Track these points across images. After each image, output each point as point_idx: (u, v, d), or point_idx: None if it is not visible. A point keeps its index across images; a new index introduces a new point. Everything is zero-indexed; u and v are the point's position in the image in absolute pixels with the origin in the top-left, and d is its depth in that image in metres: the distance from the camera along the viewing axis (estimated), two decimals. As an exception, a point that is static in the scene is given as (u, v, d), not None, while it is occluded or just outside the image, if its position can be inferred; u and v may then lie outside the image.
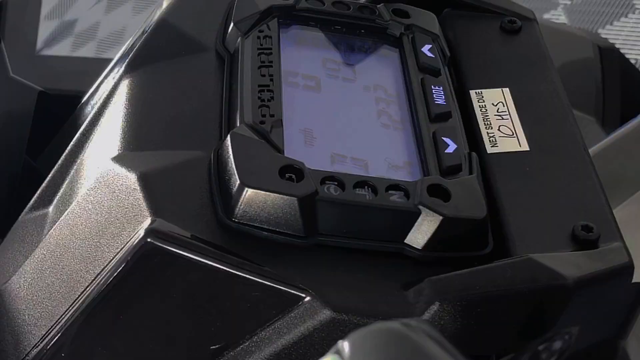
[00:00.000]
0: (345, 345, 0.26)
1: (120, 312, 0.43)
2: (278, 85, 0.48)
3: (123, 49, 0.57)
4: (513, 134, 0.49)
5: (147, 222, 0.41)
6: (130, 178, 0.43)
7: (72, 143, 0.53)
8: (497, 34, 0.56)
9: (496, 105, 0.51)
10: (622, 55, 1.12)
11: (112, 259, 0.42)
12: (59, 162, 0.53)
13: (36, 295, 0.46)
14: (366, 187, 0.43)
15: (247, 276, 0.40)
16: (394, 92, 0.51)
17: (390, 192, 0.43)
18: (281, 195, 0.41)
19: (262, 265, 0.40)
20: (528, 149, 0.49)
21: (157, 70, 0.51)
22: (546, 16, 1.98)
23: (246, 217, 0.42)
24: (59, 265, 0.45)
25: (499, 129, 0.50)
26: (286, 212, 0.41)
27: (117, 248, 0.42)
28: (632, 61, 1.78)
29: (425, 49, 0.52)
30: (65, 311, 0.44)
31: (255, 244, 0.42)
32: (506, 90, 0.52)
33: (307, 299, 0.40)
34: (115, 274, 0.42)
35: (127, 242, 0.41)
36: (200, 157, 0.45)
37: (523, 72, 0.53)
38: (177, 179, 0.44)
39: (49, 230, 0.48)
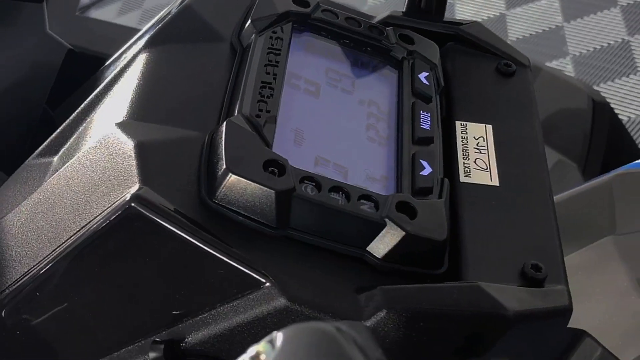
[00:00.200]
0: (279, 336, 0.26)
1: (96, 265, 0.44)
2: (279, 85, 0.48)
3: (149, 24, 0.57)
4: (487, 168, 0.49)
5: (135, 188, 0.41)
6: (128, 145, 0.44)
7: (85, 102, 0.53)
8: (492, 74, 0.56)
9: (477, 139, 0.51)
10: (612, 111, 1.12)
11: (98, 215, 0.42)
12: (71, 117, 0.53)
13: (25, 236, 0.47)
14: (341, 192, 0.43)
15: (216, 254, 0.41)
16: (385, 110, 0.51)
17: (362, 201, 0.43)
18: (261, 186, 0.41)
19: (231, 247, 0.41)
20: (498, 184, 0.49)
21: (174, 50, 0.51)
22: (554, 63, 1.98)
23: (226, 199, 0.42)
24: (50, 211, 0.46)
25: (475, 162, 0.50)
26: (263, 202, 0.42)
27: (104, 207, 0.42)
28: (625, 119, 1.78)
29: (422, 75, 0.52)
30: (48, 255, 0.45)
31: (230, 226, 0.42)
32: (489, 127, 0.52)
33: (267, 284, 0.41)
34: (97, 230, 0.42)
35: (114, 203, 0.42)
36: (196, 137, 0.45)
37: (508, 114, 0.53)
38: (170, 153, 0.44)
39: (49, 178, 0.49)
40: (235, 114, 0.45)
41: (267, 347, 0.26)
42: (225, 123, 0.44)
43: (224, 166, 0.42)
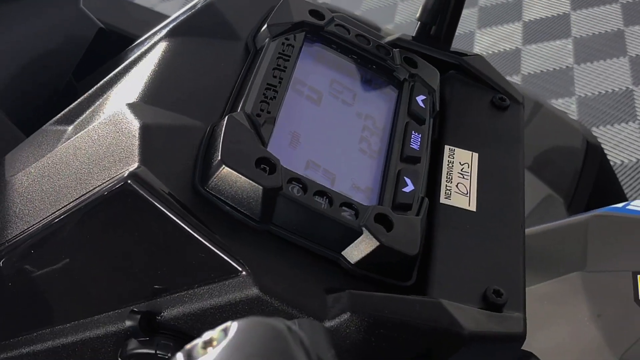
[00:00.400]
0: (232, 326, 0.26)
1: (88, 232, 0.44)
2: (284, 89, 0.47)
3: (176, 14, 0.57)
4: (467, 193, 0.49)
5: (134, 166, 0.41)
6: (133, 125, 0.43)
7: (105, 79, 0.53)
8: (486, 106, 0.55)
9: (462, 164, 0.51)
10: (603, 154, 1.11)
11: (96, 187, 0.42)
12: (91, 91, 0.53)
13: (30, 195, 0.47)
14: (325, 197, 0.43)
15: (200, 238, 0.41)
16: (381, 125, 0.51)
17: (343, 207, 0.43)
18: (250, 181, 0.41)
19: (215, 233, 0.41)
20: (474, 210, 0.48)
21: (192, 43, 0.51)
22: (560, 101, 1.97)
23: (216, 189, 0.42)
24: (56, 176, 0.46)
25: (456, 186, 0.49)
26: (250, 196, 0.41)
27: (104, 179, 0.42)
28: (618, 162, 1.77)
29: (420, 98, 0.52)
30: (47, 216, 0.45)
31: (216, 214, 0.42)
32: (475, 155, 0.52)
33: (243, 273, 0.40)
34: (93, 200, 0.42)
35: (113, 178, 0.42)
36: (198, 127, 0.45)
37: (496, 145, 0.53)
38: (172, 138, 0.44)
39: (60, 145, 0.49)
40: (238, 110, 0.45)
41: (220, 335, 0.26)
42: (226, 117, 0.44)
43: (219, 157, 0.42)
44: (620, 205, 0.69)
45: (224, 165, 0.41)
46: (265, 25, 0.51)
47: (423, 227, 0.45)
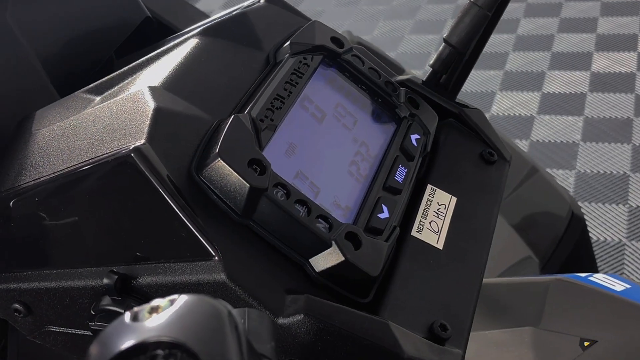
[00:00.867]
0: (180, 298, 0.27)
1: (86, 192, 0.44)
2: (290, 102, 0.48)
3: (214, 16, 0.58)
4: (437, 232, 0.49)
5: (140, 142, 0.42)
6: (149, 105, 0.44)
7: (138, 61, 0.53)
8: (475, 156, 0.56)
9: (440, 205, 0.51)
10: (585, 227, 1.11)
11: (104, 154, 0.43)
12: (123, 69, 0.53)
13: (48, 150, 0.47)
14: (304, 206, 0.43)
15: (183, 218, 0.41)
16: (373, 154, 0.51)
17: (319, 219, 0.43)
18: (239, 177, 0.42)
19: (197, 217, 0.41)
20: (441, 248, 0.48)
21: (220, 44, 0.52)
22: (560, 171, 1.96)
23: (209, 178, 0.42)
24: (73, 137, 0.46)
25: (430, 223, 0.49)
26: (236, 191, 0.42)
27: (112, 149, 0.43)
28: (602, 239, 1.76)
29: (414, 137, 0.52)
30: (57, 171, 0.45)
31: (203, 201, 0.42)
32: (454, 199, 0.52)
33: (215, 258, 0.41)
34: (97, 165, 0.43)
35: (120, 149, 0.42)
36: (206, 120, 0.46)
37: (475, 195, 0.53)
38: (180, 124, 0.44)
39: (84, 111, 0.49)
40: (245, 112, 0.45)
41: (167, 304, 0.26)
42: (232, 117, 0.44)
43: (217, 150, 0.42)
44: (583, 275, 0.69)
45: (219, 158, 0.42)
46: (288, 42, 0.52)
47: (389, 252, 0.45)
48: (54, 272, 0.47)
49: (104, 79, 0.54)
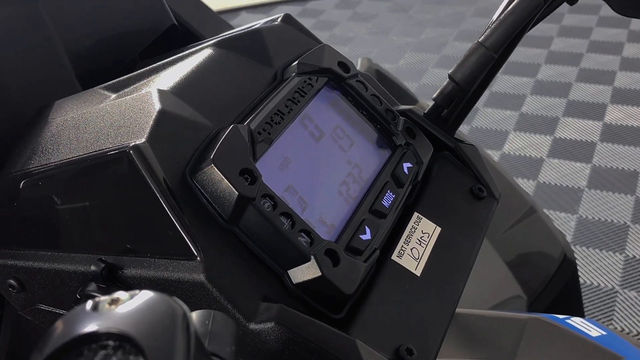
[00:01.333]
0: (141, 294, 0.26)
1: (85, 182, 0.44)
2: (290, 118, 0.48)
3: (232, 31, 0.58)
4: (417, 259, 0.49)
5: (140, 141, 0.42)
6: (155, 107, 0.44)
7: (156, 65, 0.54)
8: (464, 190, 0.55)
9: (424, 233, 0.50)
10: (576, 270, 1.09)
11: (107, 148, 0.43)
12: (141, 70, 0.54)
13: (59, 138, 0.48)
14: (289, 219, 0.43)
15: (172, 217, 0.41)
16: (365, 177, 0.51)
17: (302, 234, 0.43)
18: (229, 185, 0.41)
19: (185, 216, 0.41)
20: (418, 275, 0.48)
21: (232, 57, 0.52)
22: (562, 214, 1.94)
23: (201, 182, 0.42)
24: (83, 129, 0.47)
25: (411, 249, 0.49)
26: (225, 197, 0.42)
27: (115, 144, 0.43)
28: (595, 284, 1.74)
29: (406, 165, 0.52)
30: (63, 159, 0.45)
31: (193, 203, 0.42)
32: (439, 229, 0.51)
33: (197, 259, 0.41)
34: (98, 157, 0.43)
35: (121, 145, 0.42)
36: (207, 126, 0.46)
37: (460, 228, 0.52)
38: (182, 128, 0.44)
39: (97, 106, 0.50)
40: (244, 124, 0.45)
41: (127, 298, 0.26)
42: (232, 126, 0.44)
43: (211, 156, 0.42)
44: (561, 316, 0.67)
45: (212, 164, 0.42)
46: (296, 62, 0.52)
47: (367, 273, 0.45)
48: (48, 253, 0.47)
49: (122, 78, 0.54)
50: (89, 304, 0.26)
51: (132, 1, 0.66)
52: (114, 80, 0.54)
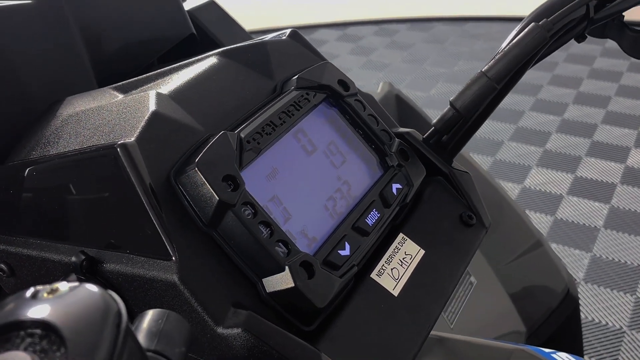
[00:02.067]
0: (81, 286, 0.25)
1: (74, 175, 0.44)
2: (281, 130, 0.47)
3: (242, 43, 0.57)
4: (397, 279, 0.47)
5: (129, 140, 0.41)
6: (149, 108, 0.44)
7: (164, 69, 0.53)
8: (454, 216, 0.53)
9: (407, 254, 0.49)
10: (577, 306, 1.05)
11: (98, 145, 0.43)
12: (149, 74, 0.53)
13: (63, 131, 0.47)
14: (268, 229, 0.42)
15: (151, 217, 0.40)
16: (354, 194, 0.49)
17: (279, 244, 0.42)
18: (211, 189, 0.40)
19: (163, 216, 0.40)
20: (396, 295, 0.46)
21: (235, 67, 0.51)
22: (576, 251, 1.89)
23: (184, 184, 0.41)
24: (85, 125, 0.46)
25: (392, 269, 0.47)
26: (206, 201, 0.41)
27: (106, 141, 0.42)
28: (603, 323, 1.69)
29: (395, 186, 0.50)
30: (59, 152, 0.45)
31: (174, 204, 0.41)
32: (422, 252, 0.49)
33: (172, 259, 0.40)
34: (88, 152, 0.43)
35: (111, 142, 0.42)
36: (199, 131, 0.45)
37: (445, 253, 0.50)
38: (173, 131, 0.44)
39: (102, 104, 0.49)
40: (235, 131, 0.44)
41: (66, 289, 0.25)
42: (221, 133, 0.43)
43: (196, 160, 0.41)
44: (547, 350, 0.65)
45: (196, 168, 0.41)
46: (297, 77, 0.51)
47: (342, 288, 0.43)
48: (37, 241, 0.46)
49: (131, 80, 0.54)
50: (30, 291, 0.25)
51: (153, 9, 0.66)
52: (123, 82, 0.54)
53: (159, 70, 0.53)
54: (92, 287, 0.25)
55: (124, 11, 0.64)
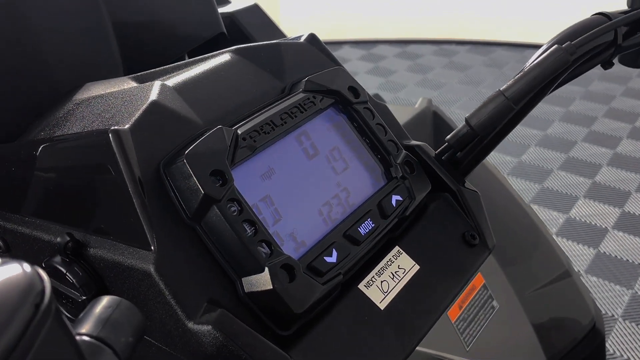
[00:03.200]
0: (17, 264, 0.24)
1: (70, 157, 0.43)
2: (281, 131, 0.45)
3: (258, 43, 0.56)
4: (386, 292, 0.44)
5: (123, 127, 0.40)
6: (149, 98, 0.43)
7: (181, 62, 0.52)
8: (456, 235, 0.50)
9: (400, 268, 0.46)
10: (603, 343, 1.00)
11: (95, 129, 0.42)
12: (166, 66, 0.52)
13: (70, 115, 0.47)
14: (253, 228, 0.40)
15: (135, 205, 0.39)
16: (351, 202, 0.47)
17: (262, 244, 0.40)
18: (197, 182, 0.39)
19: (147, 207, 0.39)
20: (382, 309, 0.44)
21: (246, 65, 0.50)
22: (617, 287, 1.81)
23: (172, 176, 0.40)
24: (91, 110, 0.46)
25: (381, 282, 0.45)
26: (191, 195, 0.40)
27: (104, 126, 0.42)
28: (617, 354, 1.60)
29: (395, 198, 0.48)
30: (63, 134, 0.45)
31: (160, 195, 0.40)
32: (417, 267, 0.47)
33: (151, 249, 0.38)
34: (83, 136, 0.42)
35: (107, 128, 0.41)
36: (197, 125, 0.44)
37: (441, 270, 0.48)
38: (170, 121, 0.43)
39: (113, 90, 0.48)
40: (233, 128, 0.43)
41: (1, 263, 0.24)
42: (217, 127, 0.42)
43: (186, 152, 0.40)
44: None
45: (184, 160, 0.40)
46: (305, 80, 0.49)
47: (323, 295, 0.41)
48: (32, 220, 0.46)
49: (149, 71, 0.53)
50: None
51: (186, 4, 0.66)
52: (142, 72, 0.53)
53: (176, 64, 0.52)
54: (19, 264, 0.24)
55: (155, 3, 0.64)
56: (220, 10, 0.82)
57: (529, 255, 1.03)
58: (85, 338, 0.27)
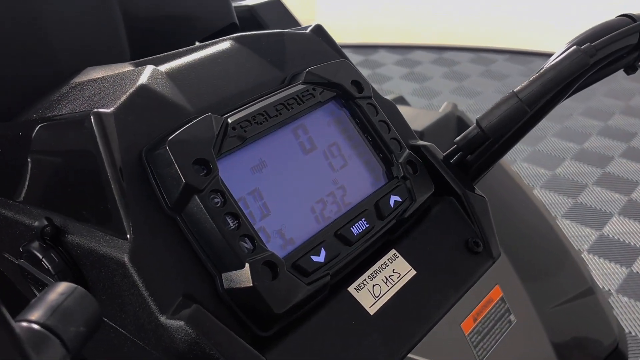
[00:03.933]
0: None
1: (52, 140, 0.42)
2: (275, 122, 0.43)
3: (261, 32, 0.54)
4: (377, 297, 0.42)
5: (107, 110, 0.39)
6: (138, 82, 0.41)
7: (181, 49, 0.51)
8: (459, 241, 0.48)
9: (395, 272, 0.44)
10: (624, 365, 0.95)
11: (81, 111, 0.41)
12: (167, 53, 0.51)
13: (64, 98, 0.46)
14: (236, 221, 0.38)
15: (113, 192, 0.38)
16: (347, 200, 0.45)
17: (245, 238, 0.38)
18: (178, 171, 0.37)
19: (126, 195, 0.37)
20: (371, 314, 0.41)
21: (246, 54, 0.48)
22: (637, 304, 1.74)
23: (154, 162, 0.39)
24: (83, 93, 0.45)
25: (373, 286, 0.43)
26: (173, 183, 0.38)
27: (89, 108, 0.41)
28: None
29: (393, 198, 0.45)
30: (53, 115, 0.44)
31: (141, 182, 0.38)
32: (413, 272, 0.44)
33: (127, 237, 0.37)
34: (67, 118, 0.41)
35: (92, 110, 0.39)
36: (187, 112, 0.42)
37: (439, 277, 0.45)
38: (158, 107, 0.41)
39: (108, 74, 0.47)
40: (223, 116, 0.41)
41: None
42: (205, 115, 0.40)
43: (169, 139, 0.38)
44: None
45: (167, 147, 0.38)
46: (306, 71, 0.47)
47: (308, 296, 0.39)
48: (15, 203, 0.45)
49: (151, 57, 0.52)
50: None
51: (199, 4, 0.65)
52: (144, 58, 0.52)
53: (177, 50, 0.51)
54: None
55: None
56: (240, 2, 0.81)
57: (551, 270, 0.99)
58: (33, 325, 0.26)
